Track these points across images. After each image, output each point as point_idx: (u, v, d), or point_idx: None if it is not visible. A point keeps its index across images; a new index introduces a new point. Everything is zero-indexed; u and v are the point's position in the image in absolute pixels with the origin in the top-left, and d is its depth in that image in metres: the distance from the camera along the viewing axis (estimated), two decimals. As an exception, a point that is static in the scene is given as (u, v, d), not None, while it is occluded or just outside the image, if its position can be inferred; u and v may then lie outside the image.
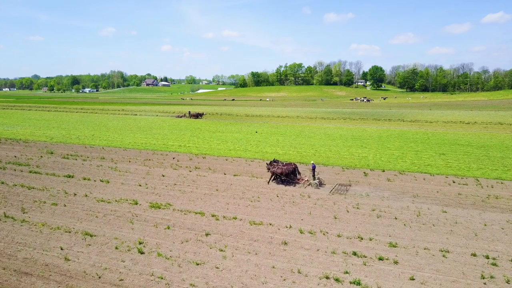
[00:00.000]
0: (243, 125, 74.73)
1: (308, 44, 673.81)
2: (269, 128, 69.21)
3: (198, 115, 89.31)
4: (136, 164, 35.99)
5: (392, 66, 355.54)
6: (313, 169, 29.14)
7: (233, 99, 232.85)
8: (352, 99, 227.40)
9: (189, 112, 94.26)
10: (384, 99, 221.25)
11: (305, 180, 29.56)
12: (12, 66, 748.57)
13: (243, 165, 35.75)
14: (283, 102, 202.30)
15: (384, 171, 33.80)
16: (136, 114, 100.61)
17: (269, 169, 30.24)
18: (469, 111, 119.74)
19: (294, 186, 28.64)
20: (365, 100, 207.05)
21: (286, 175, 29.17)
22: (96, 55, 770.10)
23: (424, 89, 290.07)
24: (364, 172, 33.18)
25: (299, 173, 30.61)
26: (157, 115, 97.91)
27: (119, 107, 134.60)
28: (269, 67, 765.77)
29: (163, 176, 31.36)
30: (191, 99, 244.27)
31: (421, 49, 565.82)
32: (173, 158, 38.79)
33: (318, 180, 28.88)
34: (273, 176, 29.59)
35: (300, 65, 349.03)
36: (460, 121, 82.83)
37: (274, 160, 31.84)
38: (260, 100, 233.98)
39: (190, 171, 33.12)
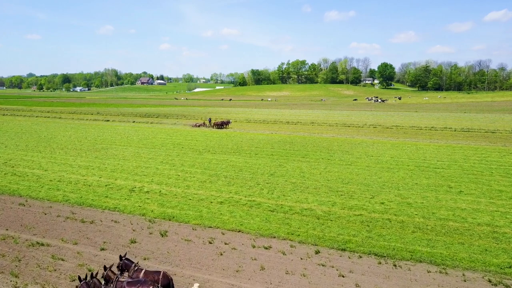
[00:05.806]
0: (244, 137, 54.12)
1: (308, 43, 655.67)
2: (283, 144, 48.57)
3: (223, 124, 65.41)
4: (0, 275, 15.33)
5: (401, 63, 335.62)
6: None
7: (230, 99, 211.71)
8: (355, 99, 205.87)
9: (210, 119, 69.82)
10: (399, 99, 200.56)
11: None
12: (8, 64, 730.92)
13: (247, 273, 15.03)
14: (287, 103, 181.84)
15: None
16: (108, 120, 79.88)
17: None
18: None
19: None
20: (379, 101, 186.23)
21: None
22: (94, 54, 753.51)
23: (438, 87, 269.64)
24: None
25: None
26: (133, 122, 77.20)
27: (97, 109, 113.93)
28: (269, 65, 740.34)
29: None
30: (186, 99, 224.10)
31: (422, 47, 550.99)
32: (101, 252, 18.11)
33: None
34: None
35: (303, 62, 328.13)
36: (531, 131, 62.62)
37: (124, 259, 12.05)
38: (262, 100, 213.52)
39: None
